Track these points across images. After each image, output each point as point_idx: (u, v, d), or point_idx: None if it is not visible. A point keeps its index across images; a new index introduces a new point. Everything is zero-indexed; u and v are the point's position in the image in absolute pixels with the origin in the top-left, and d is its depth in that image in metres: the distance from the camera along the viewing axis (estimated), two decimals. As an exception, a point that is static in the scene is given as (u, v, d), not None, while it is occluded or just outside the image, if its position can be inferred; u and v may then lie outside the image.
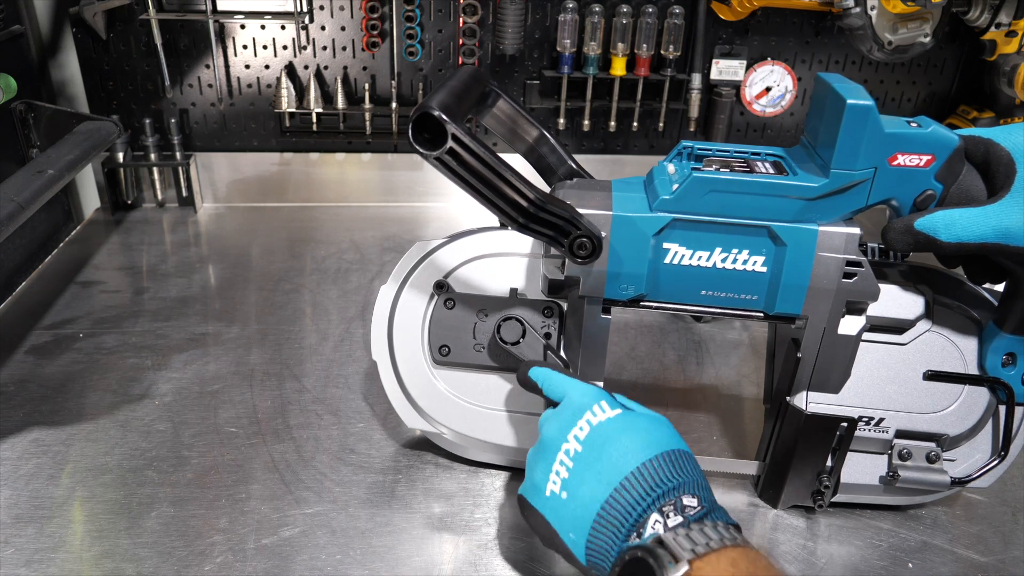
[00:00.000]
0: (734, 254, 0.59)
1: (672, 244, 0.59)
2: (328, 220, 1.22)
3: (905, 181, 0.57)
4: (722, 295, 0.60)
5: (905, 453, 0.63)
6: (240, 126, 1.22)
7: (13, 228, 0.77)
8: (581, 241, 0.58)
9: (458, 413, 0.68)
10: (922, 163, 0.56)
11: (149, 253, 1.11)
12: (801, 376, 0.62)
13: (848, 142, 0.55)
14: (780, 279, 0.59)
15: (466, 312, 0.66)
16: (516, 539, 0.64)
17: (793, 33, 1.22)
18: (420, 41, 1.16)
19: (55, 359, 0.85)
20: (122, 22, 1.13)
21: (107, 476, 0.69)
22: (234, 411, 0.78)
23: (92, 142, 0.96)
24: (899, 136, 0.55)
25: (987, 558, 0.63)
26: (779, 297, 0.59)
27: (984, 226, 0.54)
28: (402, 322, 0.67)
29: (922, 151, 0.56)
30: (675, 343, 0.91)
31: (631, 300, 0.61)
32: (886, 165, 0.56)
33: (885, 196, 0.58)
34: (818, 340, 0.60)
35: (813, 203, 0.57)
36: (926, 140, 0.56)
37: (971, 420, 0.62)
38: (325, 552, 0.62)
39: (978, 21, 1.15)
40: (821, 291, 0.59)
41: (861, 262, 0.58)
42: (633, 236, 0.59)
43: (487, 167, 0.56)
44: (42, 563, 0.60)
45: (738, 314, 0.61)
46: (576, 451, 0.52)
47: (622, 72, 1.17)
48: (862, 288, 0.58)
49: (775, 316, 0.60)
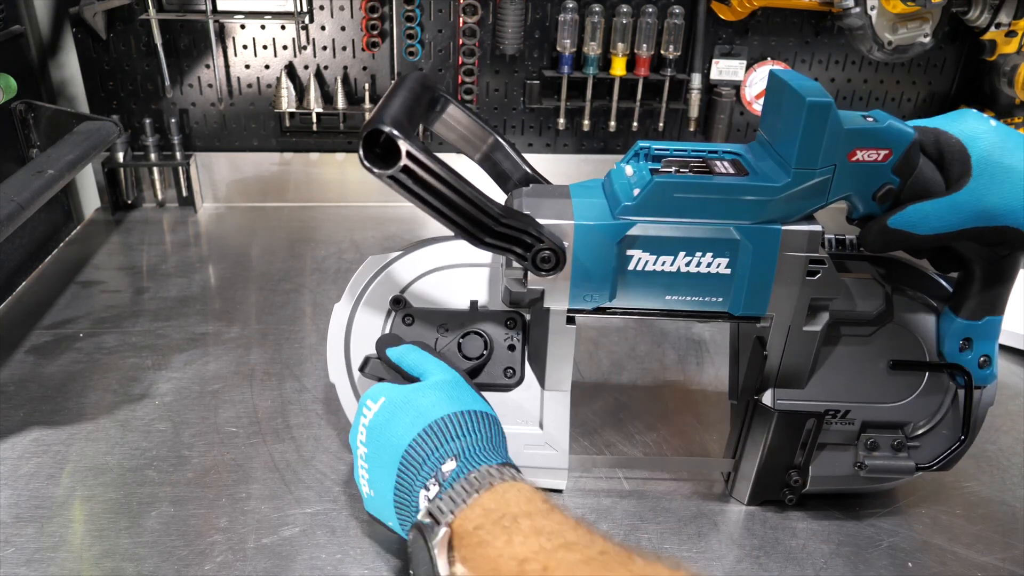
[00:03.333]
0: (698, 257, 0.58)
1: (635, 251, 0.58)
2: (328, 220, 1.22)
3: (864, 176, 0.57)
4: (687, 299, 0.60)
5: (872, 443, 0.63)
6: (240, 126, 1.23)
7: (13, 228, 0.77)
8: (544, 255, 0.56)
9: None
10: (880, 158, 0.56)
11: (149, 253, 1.11)
12: (768, 373, 0.62)
13: (809, 141, 0.55)
14: (745, 280, 0.58)
15: (426, 328, 0.64)
16: (516, 539, 0.64)
17: (793, 33, 1.22)
18: (420, 41, 1.16)
19: (55, 359, 0.85)
20: (122, 22, 1.13)
21: (107, 476, 0.69)
22: (234, 411, 0.78)
23: (92, 142, 0.96)
24: (857, 132, 0.55)
25: (987, 558, 0.63)
26: (744, 298, 0.59)
27: (961, 213, 0.55)
28: (359, 340, 0.65)
29: (879, 146, 0.56)
30: (675, 343, 0.91)
31: (596, 309, 0.60)
32: (845, 161, 0.56)
33: (846, 191, 0.58)
34: (783, 338, 0.61)
35: (775, 202, 0.57)
36: (883, 135, 0.56)
37: (933, 407, 0.63)
38: (325, 552, 0.62)
39: (978, 21, 1.15)
40: (785, 291, 0.59)
41: (824, 259, 0.58)
42: (596, 244, 0.58)
43: (444, 183, 0.53)
44: (42, 562, 0.60)
45: (704, 316, 0.61)
46: (365, 452, 0.56)
47: (622, 72, 1.17)
48: (826, 285, 0.59)
49: (740, 317, 0.60)
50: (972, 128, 0.56)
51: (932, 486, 0.70)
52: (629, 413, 0.79)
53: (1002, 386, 0.85)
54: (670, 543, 0.63)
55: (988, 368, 0.64)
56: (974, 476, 0.72)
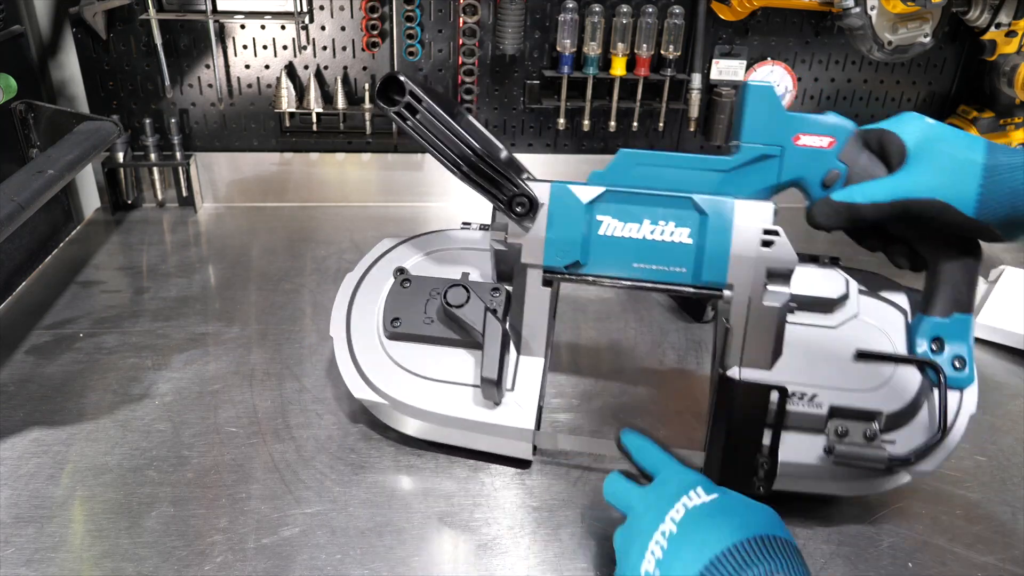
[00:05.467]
0: (661, 226, 0.65)
1: (605, 216, 0.65)
2: (328, 220, 1.22)
3: (811, 160, 0.64)
4: (652, 267, 0.65)
5: (842, 431, 0.63)
6: (240, 126, 1.23)
7: (13, 228, 0.77)
8: (520, 199, 0.65)
9: (402, 383, 0.70)
10: (824, 144, 0.64)
11: (149, 253, 1.11)
12: (732, 349, 0.64)
13: (752, 117, 0.64)
14: (704, 249, 0.64)
15: (419, 290, 0.72)
16: (516, 539, 0.64)
17: (793, 33, 1.22)
18: (420, 41, 1.16)
19: (55, 359, 0.85)
20: (122, 22, 1.13)
21: (107, 476, 0.69)
22: (234, 411, 0.78)
23: (92, 142, 0.96)
24: (800, 118, 0.64)
25: (987, 558, 0.63)
26: (704, 266, 0.64)
27: (894, 188, 0.61)
28: (361, 302, 0.74)
29: (822, 133, 0.64)
30: (675, 343, 0.91)
31: (569, 270, 0.66)
32: (792, 144, 0.64)
33: (795, 175, 0.65)
34: (745, 310, 0.63)
35: (729, 176, 0.65)
36: (824, 124, 0.64)
37: (904, 399, 0.63)
38: (325, 552, 0.62)
39: (978, 21, 1.15)
40: (742, 259, 0.63)
41: (778, 231, 0.63)
42: (569, 204, 0.66)
43: (437, 119, 0.64)
44: (42, 563, 0.60)
45: (669, 288, 0.66)
46: (671, 532, 0.52)
47: (622, 72, 1.17)
48: (780, 255, 0.63)
49: (702, 287, 0.65)
50: (911, 126, 0.63)
51: (932, 486, 0.70)
52: (629, 412, 0.79)
53: (1002, 386, 0.85)
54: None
55: (963, 370, 0.64)
56: (974, 476, 0.72)
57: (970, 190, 0.58)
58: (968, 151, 0.59)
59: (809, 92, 1.27)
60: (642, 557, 0.52)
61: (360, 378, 0.71)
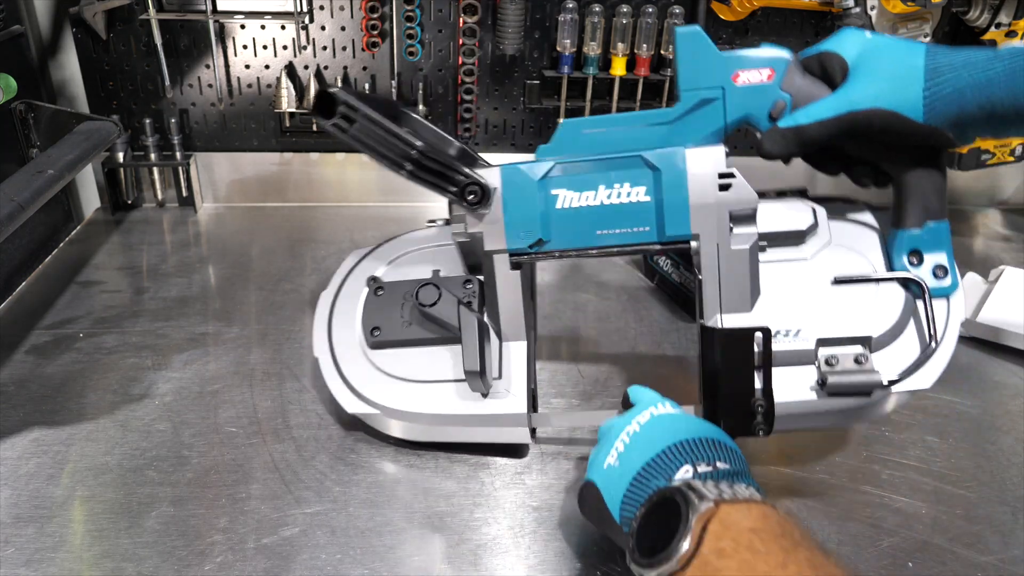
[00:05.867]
0: (617, 188, 0.64)
1: (560, 189, 0.65)
2: (328, 220, 1.22)
3: (754, 96, 0.63)
4: (616, 231, 0.65)
5: (831, 360, 0.63)
6: (240, 126, 1.22)
7: (13, 228, 0.77)
8: (471, 188, 0.64)
9: (391, 390, 0.70)
10: (764, 78, 0.63)
11: (149, 253, 1.11)
12: (709, 299, 0.64)
13: (686, 63, 0.63)
14: (663, 204, 0.63)
15: (394, 295, 0.73)
16: (516, 539, 0.64)
17: (793, 33, 1.22)
18: (420, 41, 1.16)
19: (55, 359, 0.85)
20: (122, 22, 1.13)
21: (107, 476, 0.69)
22: (234, 411, 0.78)
23: (92, 142, 0.96)
24: (734, 56, 0.63)
25: (987, 558, 0.63)
26: (666, 221, 0.63)
27: (836, 104, 0.60)
28: (340, 318, 0.74)
29: (760, 67, 0.63)
30: (675, 343, 0.91)
31: (534, 248, 0.66)
32: (732, 84, 0.63)
33: (741, 114, 0.63)
34: (715, 258, 0.63)
35: (675, 126, 0.64)
36: (761, 58, 0.63)
37: (890, 319, 0.63)
38: (325, 552, 0.62)
39: (978, 21, 1.15)
40: (702, 207, 0.63)
41: (733, 172, 0.62)
42: (522, 184, 0.65)
43: (375, 124, 0.63)
44: (42, 563, 0.60)
45: (636, 250, 0.66)
46: (634, 431, 0.57)
47: (622, 72, 1.17)
48: (740, 197, 0.62)
49: (668, 242, 0.64)
50: (849, 41, 0.62)
51: (932, 486, 0.70)
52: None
53: (1002, 386, 0.85)
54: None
55: (945, 278, 0.63)
56: (974, 476, 0.72)
57: (914, 95, 0.58)
58: (908, 56, 0.58)
59: (809, 92, 1.27)
60: (606, 454, 0.57)
61: (351, 393, 0.71)
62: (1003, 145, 1.25)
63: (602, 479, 0.56)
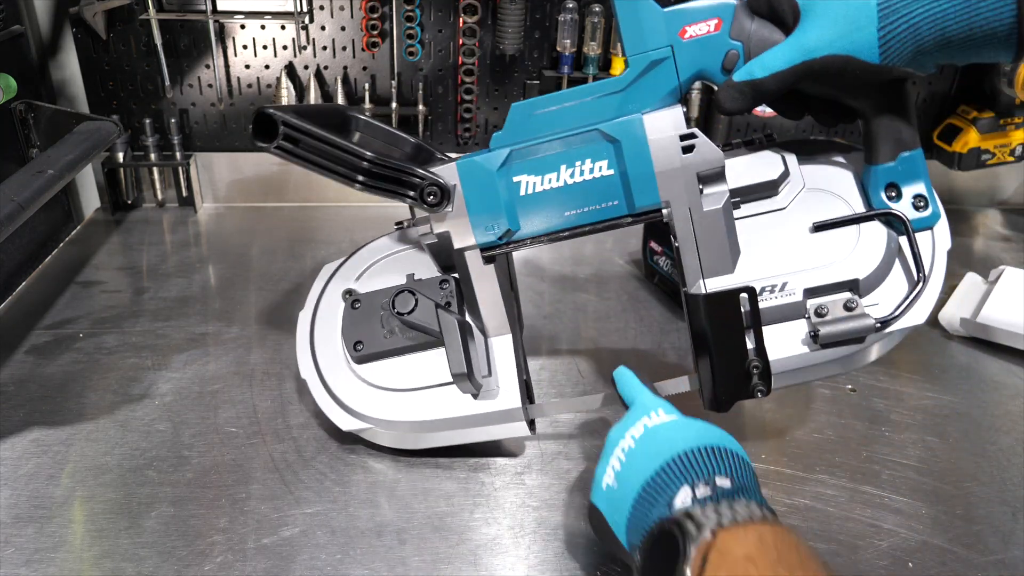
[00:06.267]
0: (579, 166, 0.62)
1: (521, 176, 0.63)
2: (328, 220, 1.22)
3: (705, 49, 0.60)
4: (586, 210, 0.63)
5: (821, 310, 0.62)
6: (240, 126, 1.22)
7: (13, 228, 0.77)
8: (429, 189, 0.63)
9: (382, 402, 0.69)
10: (712, 29, 0.60)
11: (149, 253, 1.11)
12: (689, 266, 0.63)
13: (629, 26, 0.60)
14: (628, 175, 0.62)
15: (372, 307, 0.70)
16: (516, 539, 0.64)
17: (793, 33, 1.22)
18: (420, 41, 1.16)
19: (55, 359, 0.85)
20: (122, 22, 1.13)
21: (107, 476, 0.69)
22: (234, 411, 0.78)
23: (92, 142, 0.96)
24: (676, 11, 0.60)
25: (987, 558, 0.63)
26: (633, 192, 0.62)
27: (791, 53, 0.58)
28: (321, 336, 0.72)
29: (706, 18, 0.60)
30: (675, 343, 0.91)
31: (504, 239, 0.65)
32: (679, 40, 0.60)
33: (694, 69, 0.61)
34: (688, 222, 0.62)
35: (627, 93, 0.61)
36: (705, 8, 0.60)
37: (875, 259, 0.61)
38: (325, 552, 0.62)
39: (978, 21, 1.14)
40: (668, 173, 0.61)
41: (694, 132, 0.61)
42: (480, 176, 0.64)
43: (320, 141, 0.61)
44: (42, 563, 0.60)
45: (609, 226, 0.64)
46: (630, 447, 0.55)
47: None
48: (705, 157, 0.61)
49: (640, 214, 0.63)
50: None
51: (932, 486, 0.70)
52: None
53: (1002, 386, 0.85)
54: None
55: (926, 209, 0.62)
56: (974, 476, 0.72)
57: (870, 36, 0.55)
58: None
59: (809, 92, 1.27)
60: (604, 472, 0.56)
61: (342, 411, 0.70)
62: (1003, 145, 1.25)
63: (604, 502, 0.55)
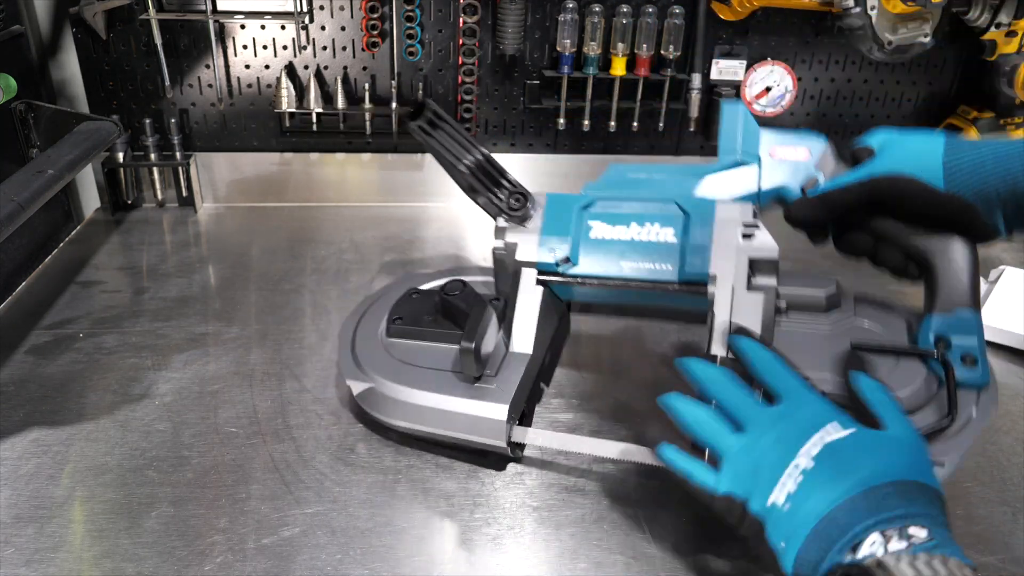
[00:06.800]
0: (648, 227, 0.68)
1: (596, 222, 0.70)
2: (328, 220, 1.22)
3: (789, 169, 0.69)
4: (641, 266, 0.68)
5: None
6: (240, 126, 1.23)
7: (13, 228, 0.77)
8: (516, 196, 0.72)
9: (388, 367, 0.73)
10: (800, 156, 0.68)
11: (149, 253, 1.11)
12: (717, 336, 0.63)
13: (727, 131, 0.70)
14: (688, 245, 0.67)
15: (426, 300, 0.79)
16: (516, 539, 0.64)
17: (793, 33, 1.22)
18: (420, 41, 1.16)
19: (55, 359, 0.85)
20: (122, 22, 1.13)
21: (107, 476, 0.69)
22: (234, 411, 0.78)
23: (92, 142, 0.96)
24: (774, 133, 0.70)
25: (987, 558, 0.63)
26: (688, 260, 0.66)
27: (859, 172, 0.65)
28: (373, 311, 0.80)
29: (797, 144, 0.69)
30: (676, 343, 0.91)
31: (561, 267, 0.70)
32: (769, 157, 0.69)
33: (776, 184, 0.69)
34: (729, 298, 0.64)
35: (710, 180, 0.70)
36: (796, 137, 0.70)
37: (907, 390, 0.61)
38: (325, 552, 0.62)
39: (978, 21, 1.15)
40: (724, 249, 0.65)
41: (757, 224, 0.66)
42: (563, 207, 0.71)
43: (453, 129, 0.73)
44: (42, 563, 0.60)
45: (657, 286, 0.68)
46: (807, 467, 0.50)
47: (622, 72, 1.17)
48: (761, 245, 0.65)
49: (687, 282, 0.66)
50: (878, 135, 0.67)
51: (932, 486, 0.70)
52: (630, 412, 0.79)
53: (1002, 386, 0.85)
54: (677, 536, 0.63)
55: (975, 368, 0.61)
56: (974, 476, 0.72)
57: (935, 162, 0.60)
58: (929, 138, 0.63)
59: (809, 92, 1.27)
60: (772, 486, 0.51)
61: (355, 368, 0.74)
62: (1003, 145, 1.24)
63: (770, 520, 0.51)
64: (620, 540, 0.64)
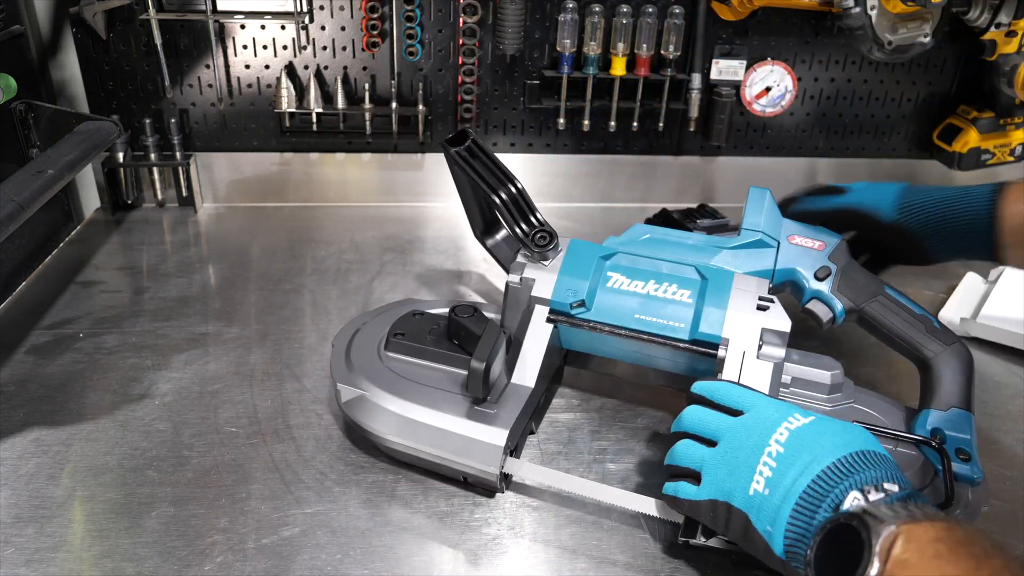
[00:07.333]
0: (665, 286, 0.71)
1: (615, 273, 0.73)
2: (328, 220, 1.22)
3: (804, 256, 0.74)
4: (653, 320, 0.70)
5: None
6: (240, 126, 1.23)
7: (13, 228, 0.77)
8: (543, 232, 0.74)
9: (382, 377, 0.71)
10: (816, 247, 0.75)
11: (149, 253, 1.11)
12: None
13: (752, 210, 0.75)
14: (703, 308, 0.69)
15: (429, 320, 0.78)
16: (516, 539, 0.64)
17: (793, 33, 1.22)
18: (420, 41, 1.16)
19: (55, 359, 0.85)
20: (122, 22, 1.13)
21: (107, 476, 0.69)
22: (234, 411, 0.78)
23: (92, 142, 0.95)
24: (793, 224, 0.75)
25: (987, 558, 0.63)
26: (701, 320, 0.69)
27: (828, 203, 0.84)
28: (372, 325, 0.79)
29: (814, 237, 0.75)
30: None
31: (575, 310, 0.71)
32: (787, 242, 0.75)
33: (790, 265, 0.74)
34: (739, 364, 0.66)
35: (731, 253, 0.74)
36: (816, 231, 0.76)
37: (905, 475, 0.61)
38: (325, 552, 0.62)
39: (978, 21, 1.15)
40: (738, 316, 0.68)
41: (772, 299, 0.69)
42: (584, 254, 0.74)
43: (490, 160, 0.75)
44: (42, 563, 0.60)
45: (667, 342, 0.69)
46: (778, 452, 0.54)
47: (622, 72, 1.17)
48: (774, 318, 0.68)
49: (698, 342, 0.68)
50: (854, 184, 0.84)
51: (932, 486, 0.70)
52: (630, 413, 0.79)
53: (1002, 386, 0.85)
54: (670, 543, 0.63)
55: (969, 464, 0.63)
56: (974, 476, 0.72)
57: (891, 201, 0.77)
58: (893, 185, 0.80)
59: (809, 92, 1.27)
60: (750, 479, 0.54)
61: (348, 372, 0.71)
62: (1003, 145, 1.25)
63: (752, 509, 0.54)
64: (620, 540, 0.64)
